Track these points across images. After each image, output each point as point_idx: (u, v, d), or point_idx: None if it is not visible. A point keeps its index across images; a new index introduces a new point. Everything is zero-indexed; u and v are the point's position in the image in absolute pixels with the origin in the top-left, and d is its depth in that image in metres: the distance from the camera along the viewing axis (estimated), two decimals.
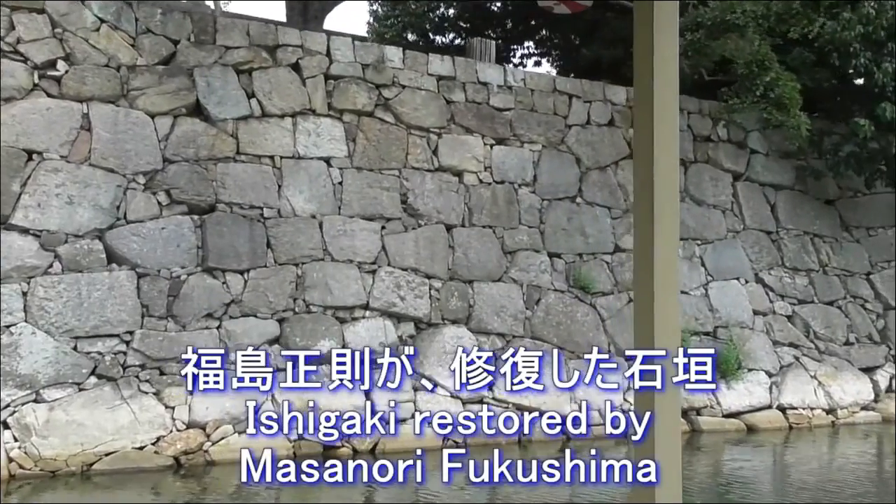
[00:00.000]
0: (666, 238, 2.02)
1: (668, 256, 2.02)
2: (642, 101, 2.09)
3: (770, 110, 14.08)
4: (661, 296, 2.02)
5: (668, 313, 2.07)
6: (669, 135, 2.06)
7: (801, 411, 14.10)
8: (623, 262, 14.00)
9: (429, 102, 13.10)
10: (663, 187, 2.01)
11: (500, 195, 13.34)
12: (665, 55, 2.04)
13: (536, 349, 12.39)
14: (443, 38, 21.62)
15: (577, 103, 14.55)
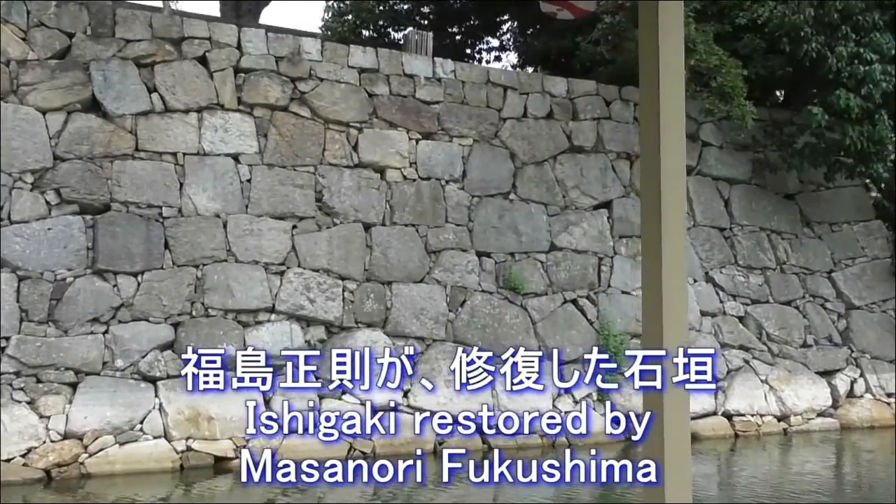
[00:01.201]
0: (673, 239, 2.00)
1: (675, 257, 2.02)
2: (648, 102, 2.05)
3: (712, 100, 13.44)
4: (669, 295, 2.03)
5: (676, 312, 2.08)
6: (676, 136, 2.04)
7: (750, 418, 13.43)
8: (559, 262, 13.42)
9: (349, 96, 12.59)
10: (670, 189, 1.98)
11: (426, 192, 12.81)
12: (670, 56, 2.02)
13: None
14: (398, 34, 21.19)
15: (513, 95, 13.99)
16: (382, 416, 10.59)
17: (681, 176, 2.09)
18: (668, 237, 2.02)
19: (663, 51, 2.03)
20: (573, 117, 14.41)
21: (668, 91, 2.02)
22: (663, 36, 2.04)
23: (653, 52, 2.03)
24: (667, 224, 2.00)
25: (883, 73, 13.92)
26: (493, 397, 11.79)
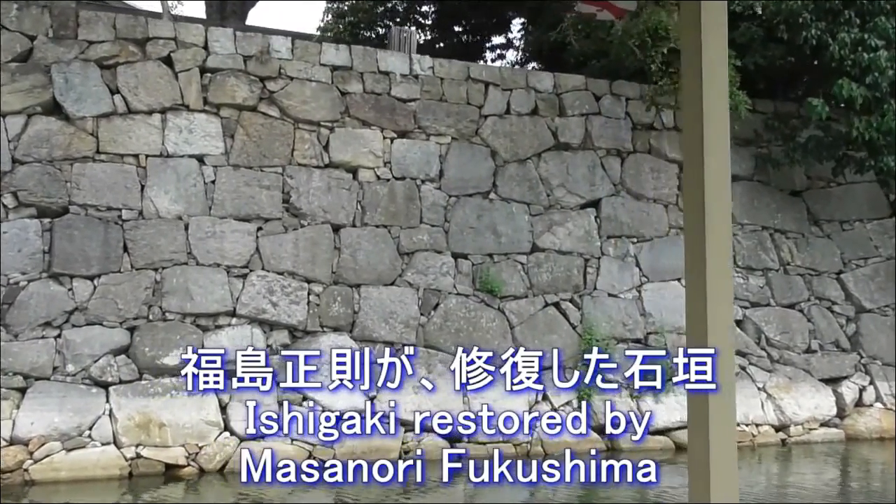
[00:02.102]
0: (718, 240, 1.95)
1: (720, 258, 1.96)
2: (691, 102, 2.03)
3: None
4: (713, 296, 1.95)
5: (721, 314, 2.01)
6: (719, 136, 2.00)
7: (745, 428, 12.70)
8: (541, 263, 12.92)
9: (320, 94, 12.30)
10: (714, 189, 1.94)
11: (400, 192, 12.44)
12: (713, 56, 1.99)
13: (430, 358, 11.52)
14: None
15: (495, 92, 13.53)
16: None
17: (725, 177, 2.00)
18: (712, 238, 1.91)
19: (706, 51, 1.97)
20: (560, 113, 13.88)
21: (711, 92, 1.95)
22: (706, 36, 1.97)
23: (696, 52, 1.96)
24: (711, 224, 1.90)
25: (890, 60, 13.10)
26: (464, 403, 11.38)
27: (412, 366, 11.17)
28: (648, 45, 12.38)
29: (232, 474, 9.87)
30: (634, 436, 12.20)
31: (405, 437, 10.98)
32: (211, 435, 10.04)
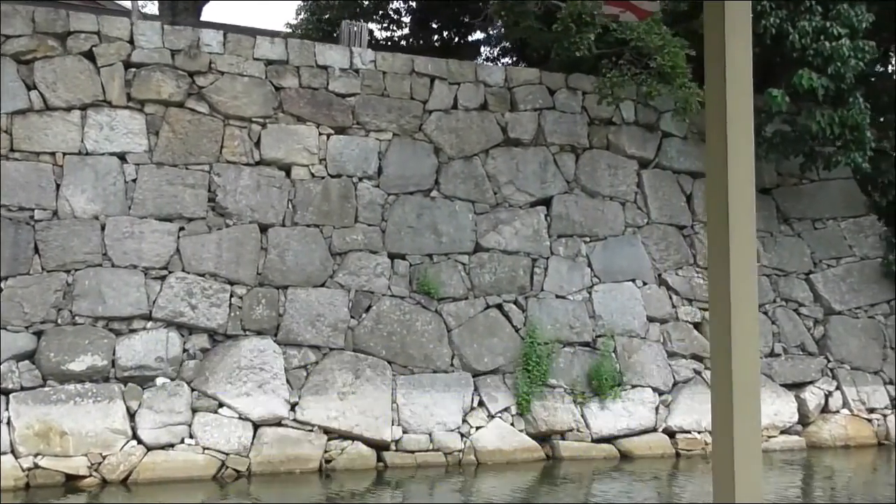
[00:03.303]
0: (742, 246, 1.83)
1: (745, 266, 1.84)
2: (714, 105, 1.89)
3: (650, 82, 11.91)
4: (738, 307, 1.80)
5: (746, 325, 1.83)
6: (743, 141, 1.87)
7: (696, 435, 11.84)
8: (484, 264, 12.14)
9: (252, 90, 11.63)
10: (738, 195, 1.84)
11: (334, 190, 11.74)
12: (737, 58, 1.89)
13: (358, 363, 10.83)
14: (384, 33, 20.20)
15: (441, 86, 12.77)
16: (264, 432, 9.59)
17: (749, 181, 1.94)
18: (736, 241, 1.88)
19: (730, 52, 1.91)
20: (511, 108, 13.07)
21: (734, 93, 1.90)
22: (730, 37, 1.91)
23: (719, 53, 1.91)
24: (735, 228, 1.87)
25: (854, 50, 12.13)
26: (393, 410, 10.69)
27: (339, 370, 10.53)
28: (573, 30, 11.52)
29: (136, 485, 9.26)
30: (577, 443, 11.50)
31: (328, 445, 10.30)
32: (117, 444, 9.42)
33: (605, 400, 11.61)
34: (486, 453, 10.80)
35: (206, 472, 9.58)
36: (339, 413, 10.43)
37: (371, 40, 18.65)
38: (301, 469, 10.02)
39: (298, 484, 9.79)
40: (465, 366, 11.37)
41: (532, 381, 11.33)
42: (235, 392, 10.13)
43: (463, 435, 10.89)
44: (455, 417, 10.91)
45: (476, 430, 10.94)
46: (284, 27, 18.71)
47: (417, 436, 10.67)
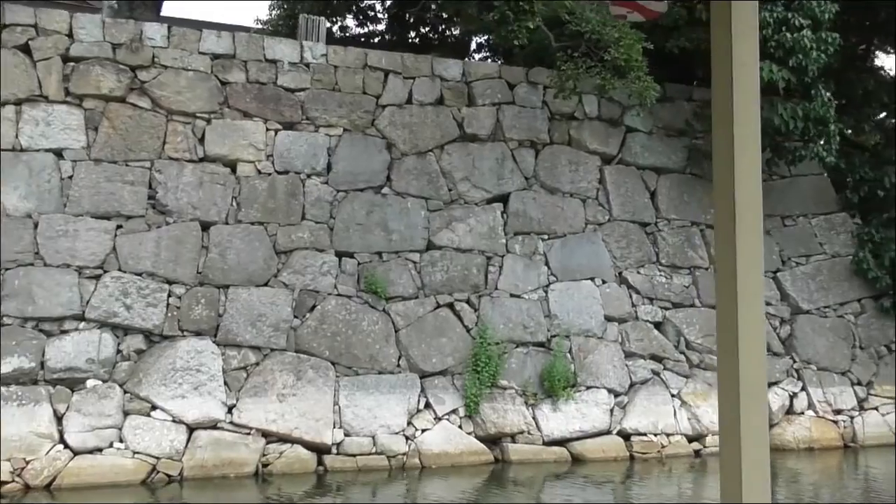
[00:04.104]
0: (749, 247, 1.79)
1: (752, 267, 1.80)
2: (721, 105, 1.85)
3: (605, 75, 11.39)
4: (745, 308, 1.80)
5: (753, 325, 1.84)
6: (750, 141, 1.85)
7: (653, 438, 11.33)
8: (435, 262, 11.67)
9: (196, 84, 11.18)
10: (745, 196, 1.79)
11: (281, 187, 11.29)
12: (744, 58, 1.85)
13: (300, 364, 10.38)
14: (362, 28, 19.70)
15: (396, 80, 12.29)
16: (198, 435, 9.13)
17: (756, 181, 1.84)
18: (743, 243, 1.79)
19: (737, 52, 1.84)
20: (469, 103, 12.59)
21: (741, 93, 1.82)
22: (737, 37, 1.84)
23: (726, 53, 1.85)
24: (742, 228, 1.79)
25: (817, 42, 11.57)
26: (335, 412, 10.25)
27: (279, 372, 10.08)
28: (510, 19, 11.00)
29: (59, 491, 8.84)
30: (527, 446, 11.03)
31: (266, 448, 9.86)
32: (42, 448, 9.00)
33: (558, 401, 11.12)
34: (432, 456, 10.34)
35: (134, 476, 9.15)
36: (279, 415, 9.99)
37: (343, 35, 18.25)
38: (236, 473, 9.58)
39: (232, 488, 9.36)
40: (413, 367, 10.90)
41: (482, 383, 10.84)
42: (170, 394, 9.70)
43: (408, 438, 10.43)
44: (400, 420, 10.45)
45: (421, 433, 10.48)
46: (254, 23, 18.27)
47: (360, 439, 10.21)
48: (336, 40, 15.60)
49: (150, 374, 9.76)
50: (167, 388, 9.72)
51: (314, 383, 10.33)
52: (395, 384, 10.66)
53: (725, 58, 1.87)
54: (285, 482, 9.65)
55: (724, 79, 1.86)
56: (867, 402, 12.93)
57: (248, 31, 14.28)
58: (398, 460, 10.24)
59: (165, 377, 9.77)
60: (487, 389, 10.89)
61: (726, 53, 1.87)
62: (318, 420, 10.11)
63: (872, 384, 13.09)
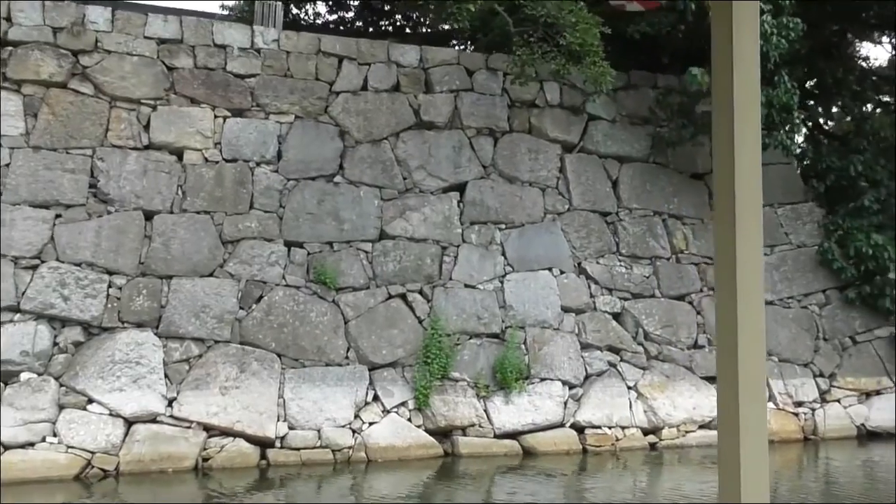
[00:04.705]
0: (749, 243, 1.78)
1: (752, 262, 1.78)
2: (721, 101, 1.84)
3: (559, 60, 10.99)
4: (744, 302, 1.75)
5: (752, 320, 1.77)
6: (750, 137, 1.82)
7: (606, 431, 11.02)
8: (388, 252, 11.32)
9: (141, 70, 10.79)
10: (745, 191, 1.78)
11: (228, 175, 10.91)
12: (745, 54, 1.83)
13: (244, 356, 10.05)
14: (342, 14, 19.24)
15: (350, 66, 11.89)
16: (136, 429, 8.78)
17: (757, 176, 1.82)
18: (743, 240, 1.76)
19: (737, 48, 1.82)
20: (426, 90, 12.22)
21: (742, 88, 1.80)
22: (738, 34, 1.82)
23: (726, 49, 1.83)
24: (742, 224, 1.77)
25: (778, 27, 11.19)
26: (279, 406, 9.93)
27: (223, 364, 9.74)
28: (447, 1, 10.60)
29: None
30: (478, 439, 10.73)
31: (208, 442, 9.54)
32: None
33: (511, 394, 10.80)
34: (378, 450, 10.03)
35: (67, 471, 8.83)
36: (221, 409, 9.66)
37: (313, 23, 17.79)
38: (175, 468, 9.26)
39: (170, 483, 9.04)
40: (362, 359, 10.58)
41: (432, 375, 10.52)
42: (107, 387, 9.37)
43: (354, 431, 10.11)
44: (346, 413, 10.13)
45: (369, 426, 10.16)
46: (219, 9, 17.80)
47: (304, 432, 9.90)
48: (302, 27, 15.18)
49: (88, 367, 9.43)
50: (105, 381, 9.39)
51: (258, 376, 10.00)
52: (342, 376, 10.34)
53: (726, 55, 1.84)
54: (226, 477, 9.33)
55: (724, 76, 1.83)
56: (829, 394, 12.64)
57: (213, 16, 13.85)
58: (344, 454, 9.93)
59: (103, 370, 9.43)
60: (438, 382, 10.57)
61: (727, 50, 1.84)
62: (262, 413, 9.79)
63: (835, 376, 12.79)
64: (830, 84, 14.19)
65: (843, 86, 14.49)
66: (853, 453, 12.00)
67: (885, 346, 13.27)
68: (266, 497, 9.01)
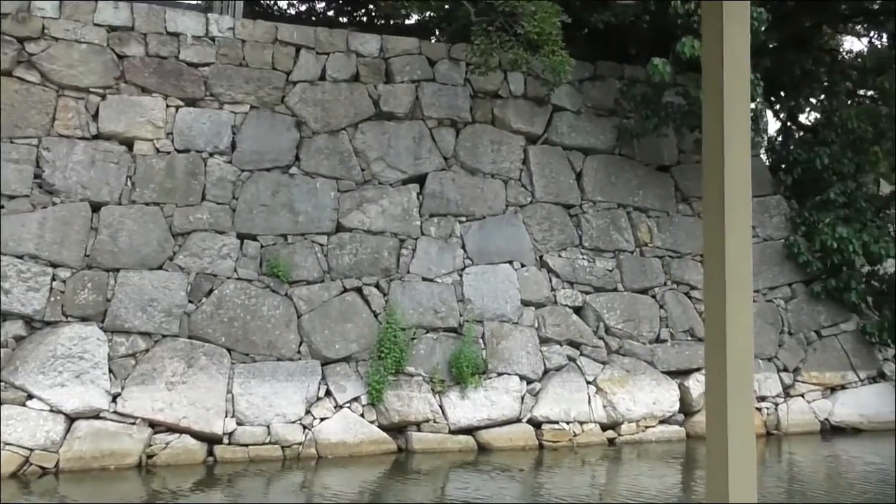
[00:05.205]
0: (738, 237, 1.78)
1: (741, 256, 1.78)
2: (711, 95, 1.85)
3: (517, 50, 10.70)
4: (733, 296, 1.75)
5: (741, 314, 1.77)
6: (740, 131, 1.82)
7: (564, 426, 10.78)
8: (344, 244, 11.03)
9: (90, 57, 10.45)
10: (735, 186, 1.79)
11: (180, 166, 10.60)
12: (735, 48, 1.83)
13: (192, 351, 9.77)
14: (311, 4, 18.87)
15: (308, 56, 11.57)
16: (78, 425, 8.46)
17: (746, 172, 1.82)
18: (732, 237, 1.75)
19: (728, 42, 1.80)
20: (386, 80, 11.92)
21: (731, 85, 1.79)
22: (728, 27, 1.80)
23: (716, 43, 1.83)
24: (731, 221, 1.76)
25: None
26: (228, 401, 9.66)
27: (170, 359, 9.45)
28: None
29: None
30: (432, 435, 10.49)
31: (153, 439, 9.27)
32: None
33: (467, 389, 10.55)
34: (329, 446, 9.77)
35: (4, 469, 8.52)
36: (167, 404, 9.39)
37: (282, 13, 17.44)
38: (117, 465, 8.98)
39: (110, 481, 8.75)
40: (315, 353, 10.31)
41: (386, 370, 10.25)
42: (48, 383, 9.07)
43: (305, 427, 9.86)
44: (297, 408, 9.87)
45: (320, 422, 9.90)
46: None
47: (253, 428, 9.63)
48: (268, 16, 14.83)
49: (28, 362, 9.13)
50: (46, 376, 9.09)
51: (207, 371, 9.72)
52: (293, 371, 10.08)
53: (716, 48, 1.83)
54: (171, 474, 9.06)
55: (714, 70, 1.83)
56: (793, 388, 12.44)
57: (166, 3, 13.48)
58: (293, 450, 9.67)
59: (44, 365, 9.14)
60: (392, 376, 10.31)
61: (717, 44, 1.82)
62: (210, 409, 9.52)
63: (800, 370, 12.60)
64: (799, 76, 13.93)
65: (814, 78, 14.24)
66: (816, 448, 11.82)
67: (851, 340, 13.08)
68: (211, 495, 8.75)
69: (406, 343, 10.51)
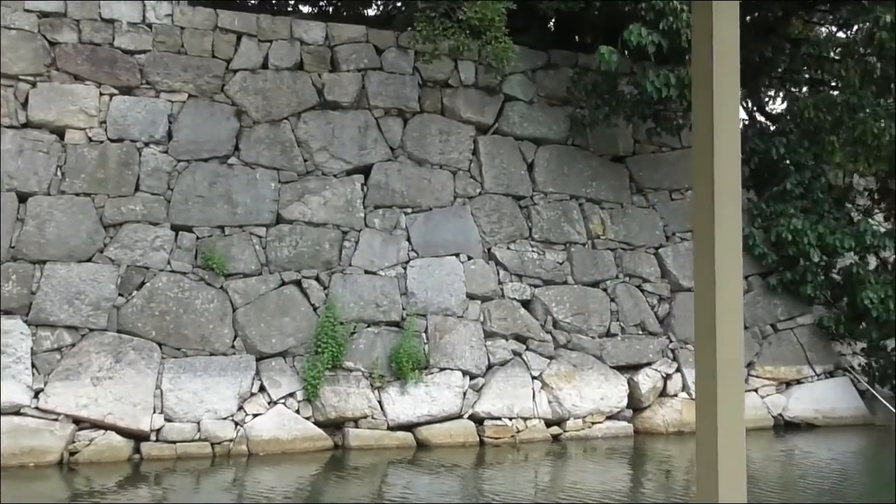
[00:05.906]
0: (727, 230, 1.77)
1: (730, 249, 1.77)
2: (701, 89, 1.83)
3: (458, 36, 10.35)
4: (722, 288, 1.75)
5: (730, 307, 1.74)
6: (730, 125, 1.80)
7: (506, 422, 10.46)
8: (284, 237, 10.69)
9: (20, 44, 10.08)
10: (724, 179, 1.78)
11: (113, 156, 10.24)
12: (725, 40, 1.81)
13: (121, 345, 9.43)
14: None
15: (250, 43, 11.19)
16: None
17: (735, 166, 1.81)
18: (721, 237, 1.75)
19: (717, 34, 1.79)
20: (331, 68, 11.56)
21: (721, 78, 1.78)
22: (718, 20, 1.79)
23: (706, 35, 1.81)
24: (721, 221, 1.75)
25: (689, 4, 10.57)
26: (156, 397, 9.34)
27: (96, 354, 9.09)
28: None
29: None
30: (370, 431, 10.18)
31: (77, 436, 8.96)
32: None
33: (407, 384, 10.23)
34: (261, 443, 9.46)
35: None
36: (91, 400, 9.07)
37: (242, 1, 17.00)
38: (37, 462, 8.66)
39: (28, 479, 8.42)
40: (249, 348, 9.99)
41: (323, 364, 9.94)
42: None
43: (237, 423, 9.53)
44: (229, 404, 9.55)
45: (252, 418, 9.58)
46: None
47: (182, 425, 9.31)
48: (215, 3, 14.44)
49: None
50: None
51: (135, 366, 9.40)
52: (226, 366, 9.75)
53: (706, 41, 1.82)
54: (94, 471, 8.73)
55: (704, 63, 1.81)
56: (746, 383, 12.14)
57: None
58: (224, 447, 9.35)
59: None
60: (330, 372, 9.99)
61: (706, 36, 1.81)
62: (136, 405, 9.20)
63: (753, 365, 12.28)
64: (759, 64, 13.59)
65: (773, 66, 13.90)
66: (768, 444, 11.52)
67: (808, 334, 12.78)
68: (135, 494, 8.42)
69: (345, 337, 10.19)
